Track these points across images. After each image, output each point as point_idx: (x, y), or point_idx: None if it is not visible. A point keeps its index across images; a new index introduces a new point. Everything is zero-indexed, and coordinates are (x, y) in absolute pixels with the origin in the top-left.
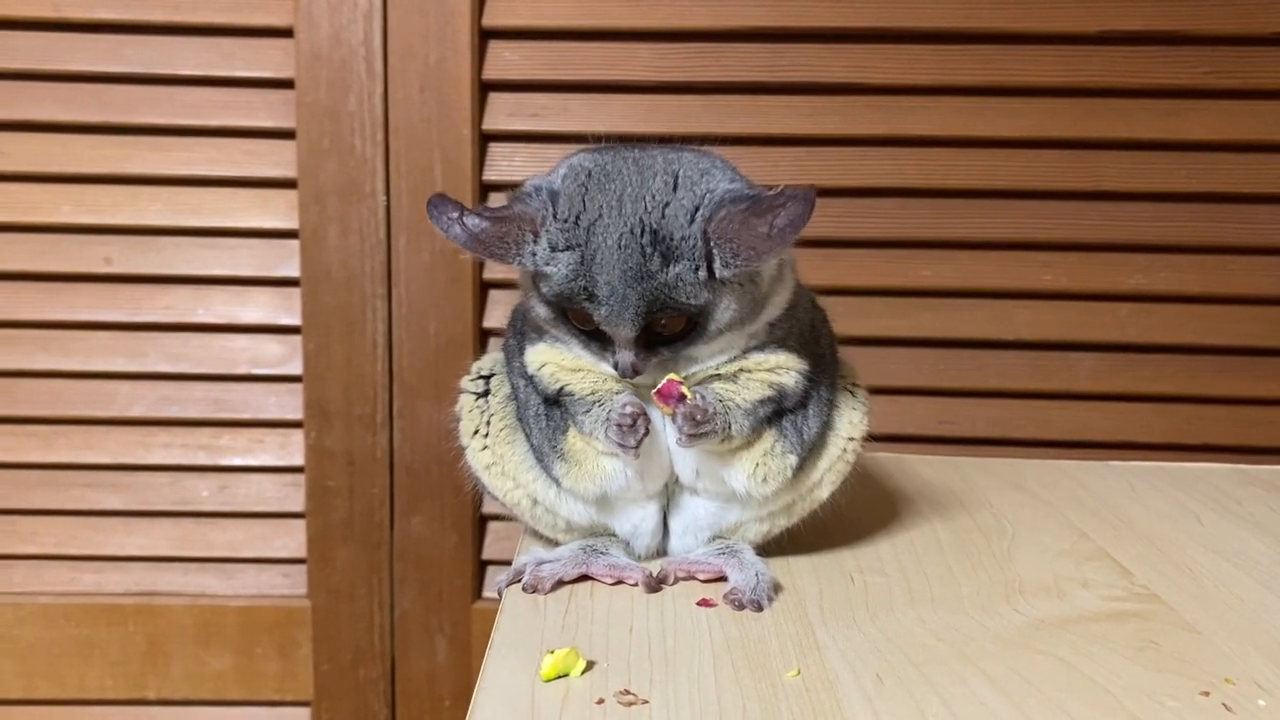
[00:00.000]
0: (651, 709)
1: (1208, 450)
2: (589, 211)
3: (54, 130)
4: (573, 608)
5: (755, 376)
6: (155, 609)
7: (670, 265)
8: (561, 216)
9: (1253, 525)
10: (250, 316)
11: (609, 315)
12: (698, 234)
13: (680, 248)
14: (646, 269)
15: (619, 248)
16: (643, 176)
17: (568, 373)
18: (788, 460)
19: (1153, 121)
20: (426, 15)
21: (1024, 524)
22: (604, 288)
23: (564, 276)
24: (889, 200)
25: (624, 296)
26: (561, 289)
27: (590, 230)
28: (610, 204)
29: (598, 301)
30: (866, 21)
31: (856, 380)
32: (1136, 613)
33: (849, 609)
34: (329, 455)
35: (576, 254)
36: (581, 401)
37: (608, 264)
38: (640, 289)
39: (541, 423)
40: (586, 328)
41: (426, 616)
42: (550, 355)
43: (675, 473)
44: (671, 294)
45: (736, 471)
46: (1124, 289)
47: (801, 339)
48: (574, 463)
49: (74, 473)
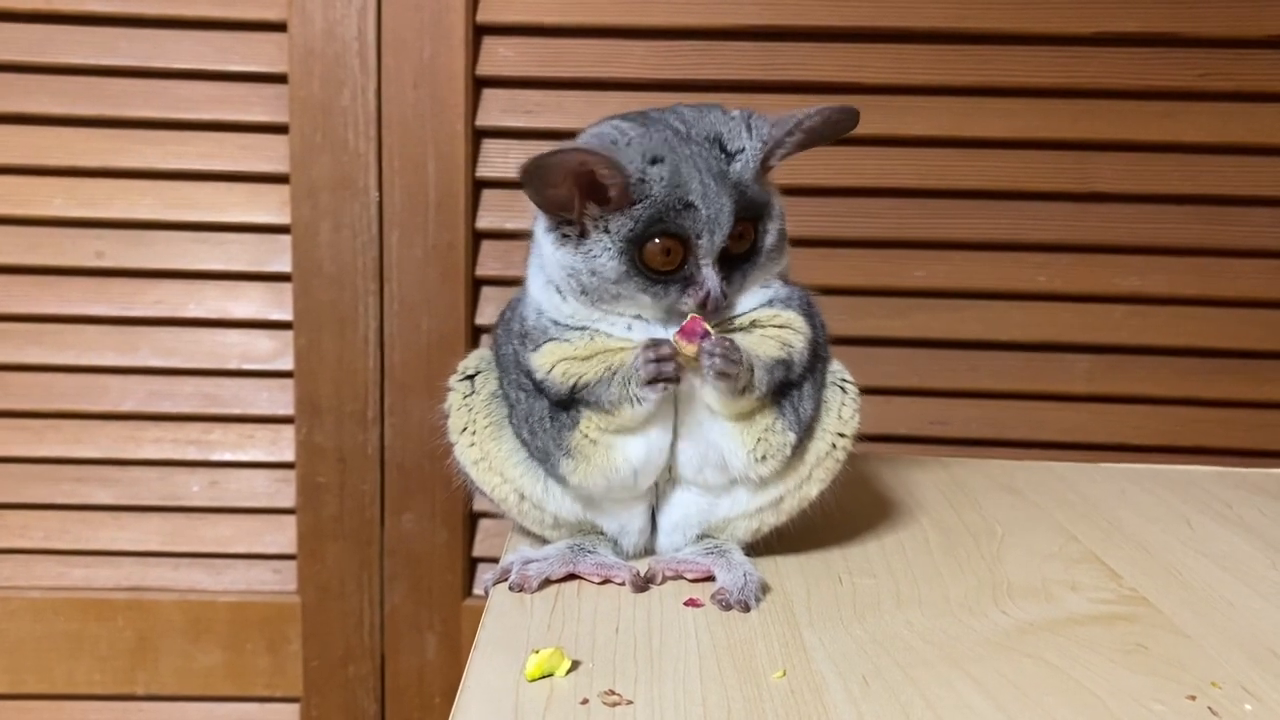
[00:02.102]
0: (636, 709)
1: (1200, 453)
2: (660, 133)
3: (46, 123)
4: (559, 607)
5: (768, 333)
6: (145, 604)
7: (734, 161)
8: (640, 137)
9: (1242, 529)
10: (242, 311)
11: (708, 217)
12: (741, 126)
13: (733, 143)
14: (723, 169)
15: (695, 156)
16: (669, 109)
17: (580, 363)
18: (787, 438)
19: (1147, 123)
20: (420, 10)
21: (1013, 526)
22: (697, 192)
23: (662, 189)
24: (883, 200)
25: (716, 195)
26: (658, 205)
27: (669, 145)
28: (675, 127)
29: (694, 207)
30: (861, 21)
31: (847, 377)
32: (1125, 616)
33: (836, 610)
34: (320, 451)
35: (667, 165)
36: (600, 383)
37: (694, 170)
38: (724, 187)
39: (546, 425)
40: (665, 267)
41: (416, 613)
42: (561, 351)
43: (676, 464)
44: (746, 191)
45: (737, 448)
46: (1117, 291)
47: (802, 308)
48: (582, 458)
49: (64, 467)
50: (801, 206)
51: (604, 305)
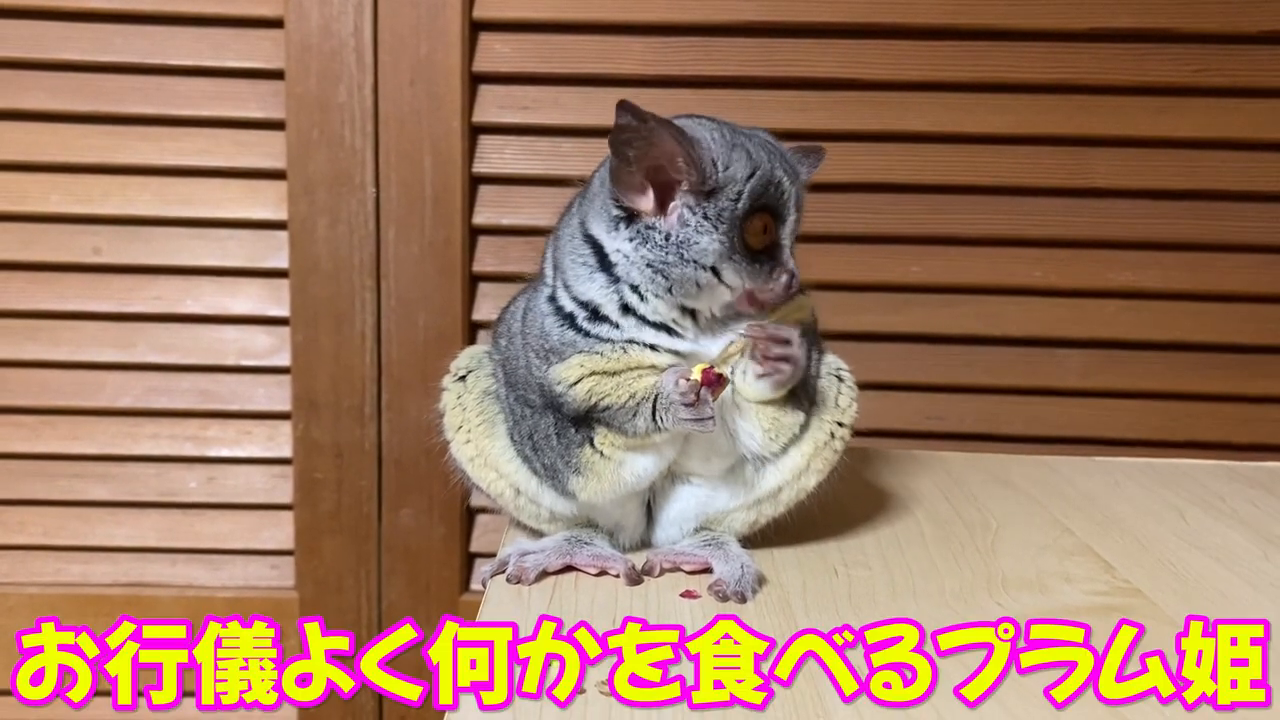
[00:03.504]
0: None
1: (1194, 447)
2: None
3: (43, 119)
4: (556, 598)
5: (786, 318)
6: (143, 600)
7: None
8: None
9: (1236, 521)
10: (239, 308)
11: (796, 195)
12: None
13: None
14: (787, 159)
15: (765, 144)
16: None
17: (607, 380)
18: (796, 417)
19: (1142, 119)
20: (417, 7)
21: (1008, 519)
22: (781, 171)
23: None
24: (879, 195)
25: (793, 175)
26: (754, 183)
27: (739, 134)
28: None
29: (781, 185)
30: (857, 17)
31: (844, 367)
32: (1119, 607)
33: (832, 601)
34: (317, 447)
35: (744, 151)
36: (624, 409)
37: (768, 155)
38: (793, 171)
39: (553, 442)
40: (760, 246)
41: (414, 608)
42: (590, 365)
43: (682, 461)
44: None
45: (755, 430)
46: (1112, 286)
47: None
48: (593, 475)
49: (62, 463)
50: None
51: (688, 299)
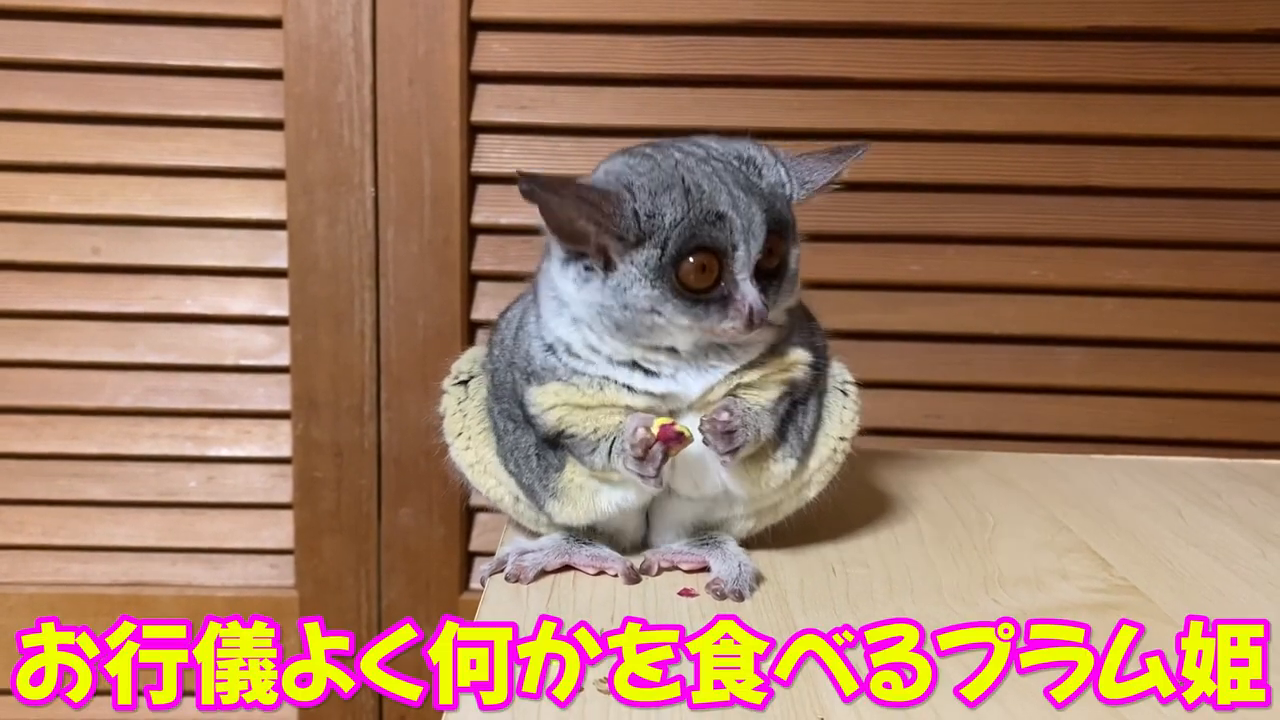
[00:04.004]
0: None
1: (1192, 445)
2: (664, 161)
3: (42, 120)
4: (555, 597)
5: (772, 379)
6: (143, 599)
7: (764, 176)
8: (643, 172)
9: (1232, 518)
10: (238, 307)
11: (742, 225)
12: (771, 156)
13: (764, 168)
14: (750, 181)
15: (715, 173)
16: (684, 140)
17: (578, 411)
18: (787, 465)
19: (1139, 117)
20: (415, 7)
21: (1006, 516)
22: (726, 202)
23: (681, 210)
24: (877, 195)
25: (747, 204)
26: (683, 225)
27: (679, 169)
28: (678, 153)
29: (725, 217)
30: (854, 16)
31: (849, 379)
32: (1115, 604)
33: (829, 600)
34: (317, 446)
35: (679, 189)
36: (585, 441)
37: (716, 186)
38: (756, 197)
39: (532, 463)
40: (701, 285)
41: (414, 607)
42: (564, 395)
43: (672, 486)
44: (777, 202)
45: (741, 479)
46: (1110, 284)
47: (804, 334)
48: (569, 501)
49: (61, 463)
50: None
51: (642, 340)
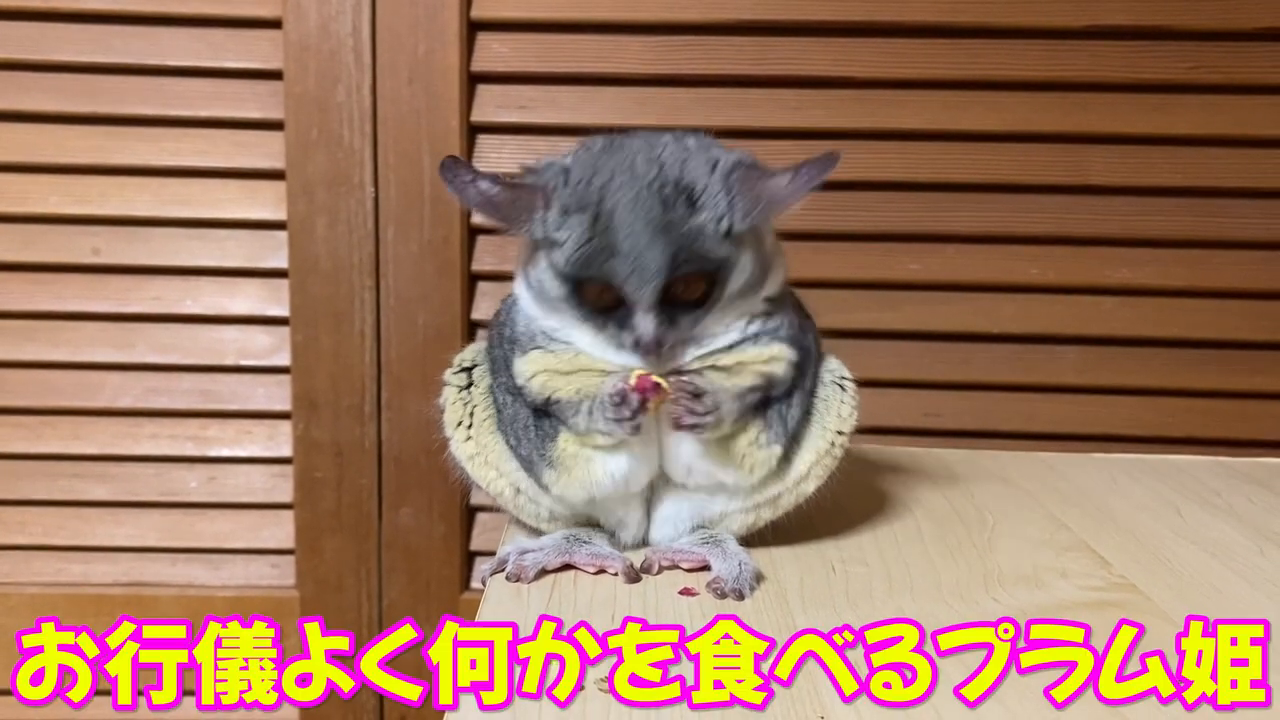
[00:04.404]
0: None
1: (1190, 443)
2: (601, 174)
3: (41, 120)
4: (555, 596)
5: (749, 368)
6: (143, 599)
7: (695, 214)
8: (574, 181)
9: (1231, 516)
10: (238, 307)
11: (633, 271)
12: (719, 182)
13: (704, 196)
14: (669, 218)
15: (637, 202)
16: (654, 142)
17: (559, 377)
18: (772, 450)
19: (1138, 116)
20: (415, 6)
21: (1005, 515)
22: (625, 242)
23: (578, 239)
24: (875, 194)
25: (647, 248)
26: (577, 254)
27: (604, 190)
28: (623, 166)
29: (619, 257)
30: (853, 15)
31: (846, 375)
32: (1114, 602)
33: (829, 598)
34: (317, 446)
35: (589, 214)
36: (569, 404)
37: (626, 219)
38: (665, 239)
39: (530, 433)
40: (601, 304)
41: (414, 606)
42: (544, 362)
43: (665, 471)
44: (695, 244)
45: (725, 465)
46: (1109, 283)
47: (791, 329)
48: (563, 470)
49: (62, 463)
50: None
51: (554, 322)
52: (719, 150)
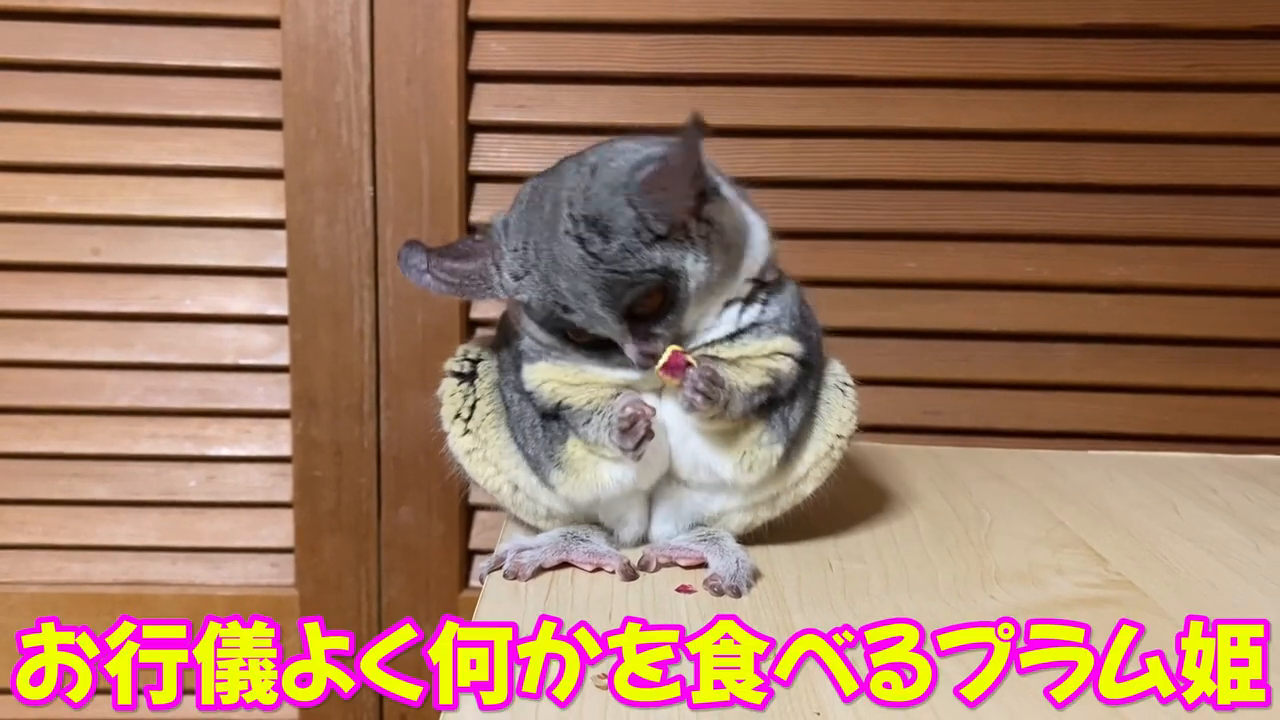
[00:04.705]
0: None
1: (1187, 440)
2: (530, 231)
3: (40, 120)
4: (553, 594)
5: (755, 363)
6: (143, 598)
7: (611, 240)
8: (511, 246)
9: (1228, 513)
10: (237, 307)
11: (586, 319)
12: (620, 200)
13: (613, 221)
14: (590, 255)
15: (561, 254)
16: (562, 178)
17: (568, 387)
18: (774, 450)
19: (1134, 114)
20: (413, 6)
21: (1002, 512)
22: (568, 295)
23: (537, 299)
24: (873, 192)
25: (586, 293)
26: (543, 314)
27: (537, 249)
28: (543, 218)
29: (571, 311)
30: (851, 14)
31: (848, 380)
32: (1110, 599)
33: (826, 595)
34: (316, 445)
35: (536, 275)
36: (580, 413)
37: (561, 271)
38: (594, 278)
39: (538, 434)
40: (585, 340)
41: (414, 605)
42: (551, 373)
43: (673, 467)
44: (625, 269)
45: (725, 460)
46: (1105, 281)
47: (795, 322)
48: (571, 472)
49: (61, 462)
50: (792, 199)
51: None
52: (621, 160)
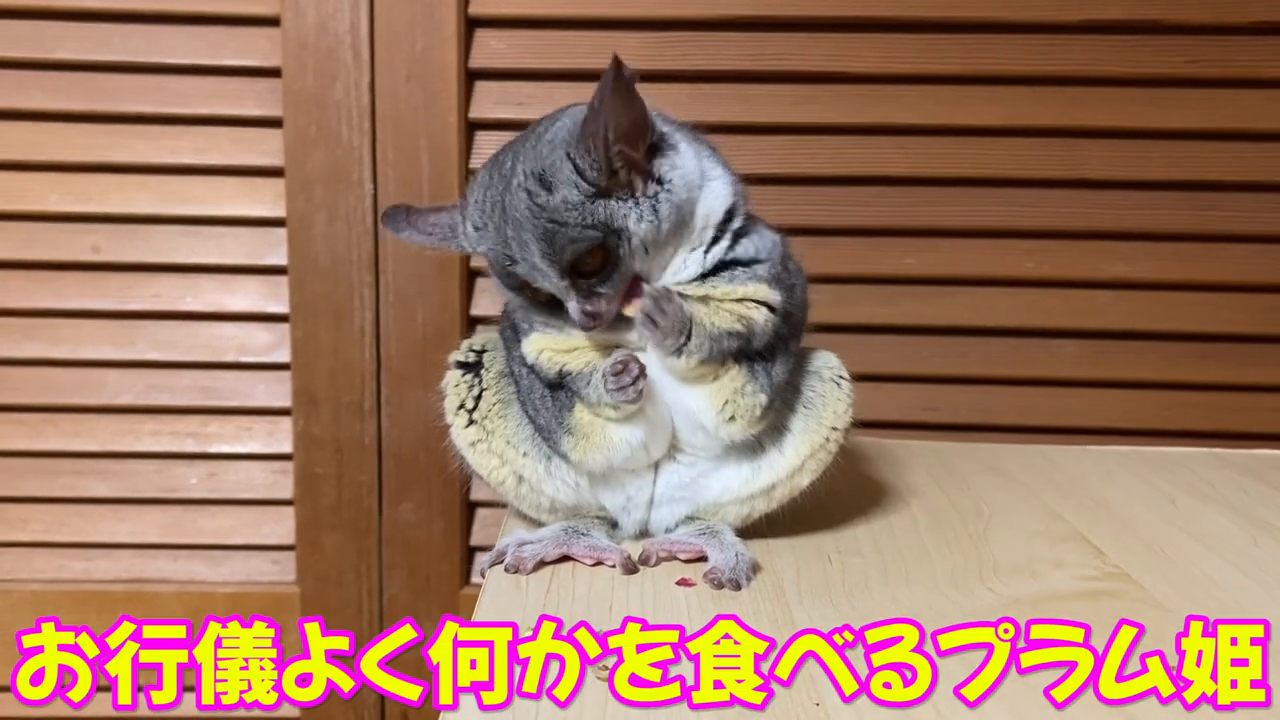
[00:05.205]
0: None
1: (1185, 436)
2: (491, 184)
3: (41, 119)
4: (554, 587)
5: (724, 306)
6: (145, 596)
7: (554, 193)
8: (475, 199)
9: (1225, 507)
10: (238, 304)
11: (529, 270)
12: (560, 153)
13: (555, 175)
14: (536, 206)
15: (511, 206)
16: (527, 137)
17: (563, 354)
18: (757, 399)
19: (1133, 110)
20: (413, 3)
21: (1001, 506)
22: (514, 245)
23: (491, 251)
24: (872, 188)
25: (528, 244)
26: (496, 266)
27: (493, 201)
28: (502, 173)
29: (515, 262)
30: (849, 11)
31: (843, 373)
32: (1108, 591)
33: (825, 588)
34: (317, 442)
35: (491, 226)
36: (580, 376)
37: (509, 222)
38: (536, 227)
39: (548, 403)
40: (542, 299)
41: (414, 602)
42: (545, 342)
43: (676, 431)
44: (564, 219)
45: (706, 409)
46: (1104, 276)
47: (774, 270)
48: (581, 436)
49: (63, 460)
50: (791, 195)
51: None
52: (567, 119)
